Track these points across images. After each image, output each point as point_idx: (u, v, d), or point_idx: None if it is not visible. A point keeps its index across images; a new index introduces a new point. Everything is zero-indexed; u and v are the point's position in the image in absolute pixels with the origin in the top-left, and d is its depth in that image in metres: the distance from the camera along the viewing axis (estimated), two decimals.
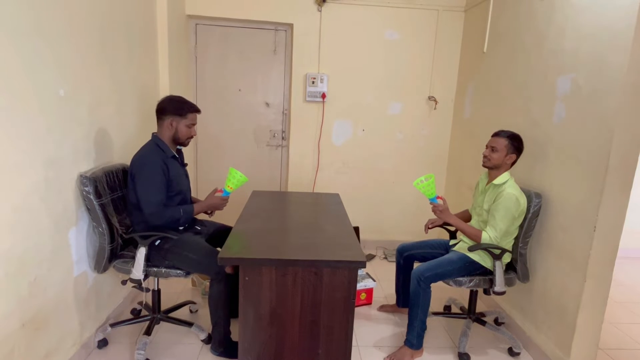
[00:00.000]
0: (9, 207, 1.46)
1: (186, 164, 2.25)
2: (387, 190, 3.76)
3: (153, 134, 2.08)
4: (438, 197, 2.13)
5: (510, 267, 2.25)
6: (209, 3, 3.30)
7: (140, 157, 1.99)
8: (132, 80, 2.48)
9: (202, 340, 2.20)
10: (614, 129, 1.79)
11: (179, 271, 2.01)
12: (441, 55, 3.54)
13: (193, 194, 2.37)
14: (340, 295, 1.66)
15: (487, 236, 2.06)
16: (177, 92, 2.35)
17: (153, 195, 1.94)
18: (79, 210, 1.91)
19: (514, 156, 2.13)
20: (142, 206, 1.95)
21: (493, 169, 2.17)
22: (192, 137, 2.11)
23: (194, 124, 2.10)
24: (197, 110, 2.10)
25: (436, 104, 3.61)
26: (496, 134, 2.17)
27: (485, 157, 2.17)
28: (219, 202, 2.10)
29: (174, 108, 2.03)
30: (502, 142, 2.12)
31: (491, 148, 2.14)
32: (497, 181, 2.13)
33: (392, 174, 3.74)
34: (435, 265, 2.12)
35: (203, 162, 3.71)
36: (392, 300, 2.75)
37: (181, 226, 2.11)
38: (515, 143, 2.13)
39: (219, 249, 1.94)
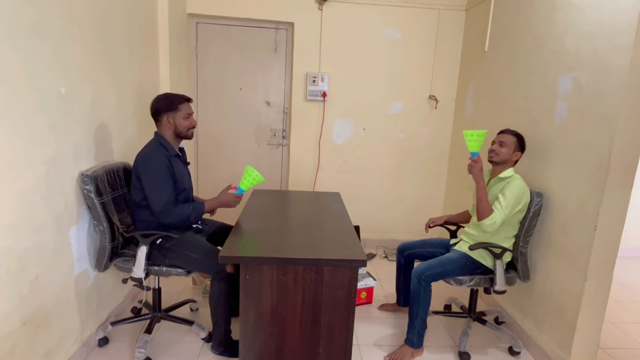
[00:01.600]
0: (10, 205, 1.46)
1: (188, 163, 2.25)
2: (387, 189, 3.76)
3: (155, 132, 2.08)
4: (478, 157, 2.09)
5: (510, 266, 2.25)
6: (210, 2, 3.30)
7: (146, 155, 1.99)
8: (133, 78, 2.48)
9: (203, 339, 2.20)
10: (615, 128, 1.79)
11: (179, 270, 2.01)
12: (442, 54, 3.54)
13: (194, 193, 2.37)
14: (340, 294, 1.67)
15: (494, 215, 2.02)
16: (177, 91, 2.34)
17: (162, 194, 1.94)
18: (79, 208, 1.92)
19: (519, 154, 2.16)
20: (151, 205, 1.95)
21: (499, 164, 2.17)
22: (193, 127, 2.11)
23: (190, 114, 2.09)
24: (188, 99, 2.10)
25: (437, 103, 3.61)
26: (503, 132, 2.20)
27: (492, 151, 2.17)
28: (232, 199, 2.08)
29: (165, 105, 2.03)
30: (511, 139, 2.14)
31: (500, 143, 2.15)
32: (503, 175, 2.14)
33: (392, 173, 3.74)
34: (436, 264, 2.13)
35: (204, 161, 3.71)
36: (393, 299, 2.76)
37: (193, 224, 2.11)
38: (521, 141, 2.16)
39: (219, 247, 1.95)
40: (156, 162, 1.96)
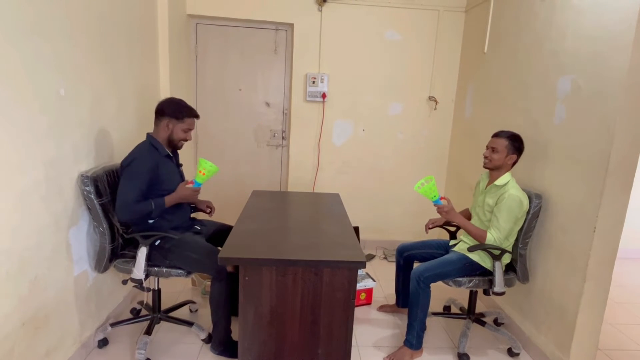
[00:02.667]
0: (9, 206, 1.46)
1: (181, 165, 2.25)
2: (387, 190, 3.76)
3: (148, 134, 2.09)
4: (441, 198, 2.12)
5: (510, 268, 2.25)
6: (209, 3, 3.30)
7: (129, 155, 1.98)
8: (133, 79, 2.48)
9: (203, 340, 2.20)
10: (615, 130, 1.79)
11: (179, 271, 2.01)
12: (442, 55, 3.54)
13: None
14: (340, 295, 1.67)
15: (491, 237, 2.06)
16: (177, 92, 2.35)
17: (127, 191, 1.91)
18: (79, 209, 1.92)
19: (514, 156, 2.13)
20: (116, 199, 1.92)
21: (494, 169, 2.17)
22: (186, 140, 2.12)
23: (190, 129, 2.10)
24: (196, 116, 2.10)
25: (436, 104, 3.62)
26: (496, 135, 2.17)
27: (485, 158, 2.17)
28: (190, 193, 2.06)
29: (172, 111, 2.03)
30: (503, 143, 2.12)
31: (491, 149, 2.14)
32: (498, 182, 2.13)
33: (392, 174, 3.74)
34: (435, 265, 2.13)
35: None
36: (392, 300, 2.76)
37: (152, 219, 2.05)
38: (516, 143, 2.12)
39: (219, 248, 1.95)
40: (137, 163, 1.94)
